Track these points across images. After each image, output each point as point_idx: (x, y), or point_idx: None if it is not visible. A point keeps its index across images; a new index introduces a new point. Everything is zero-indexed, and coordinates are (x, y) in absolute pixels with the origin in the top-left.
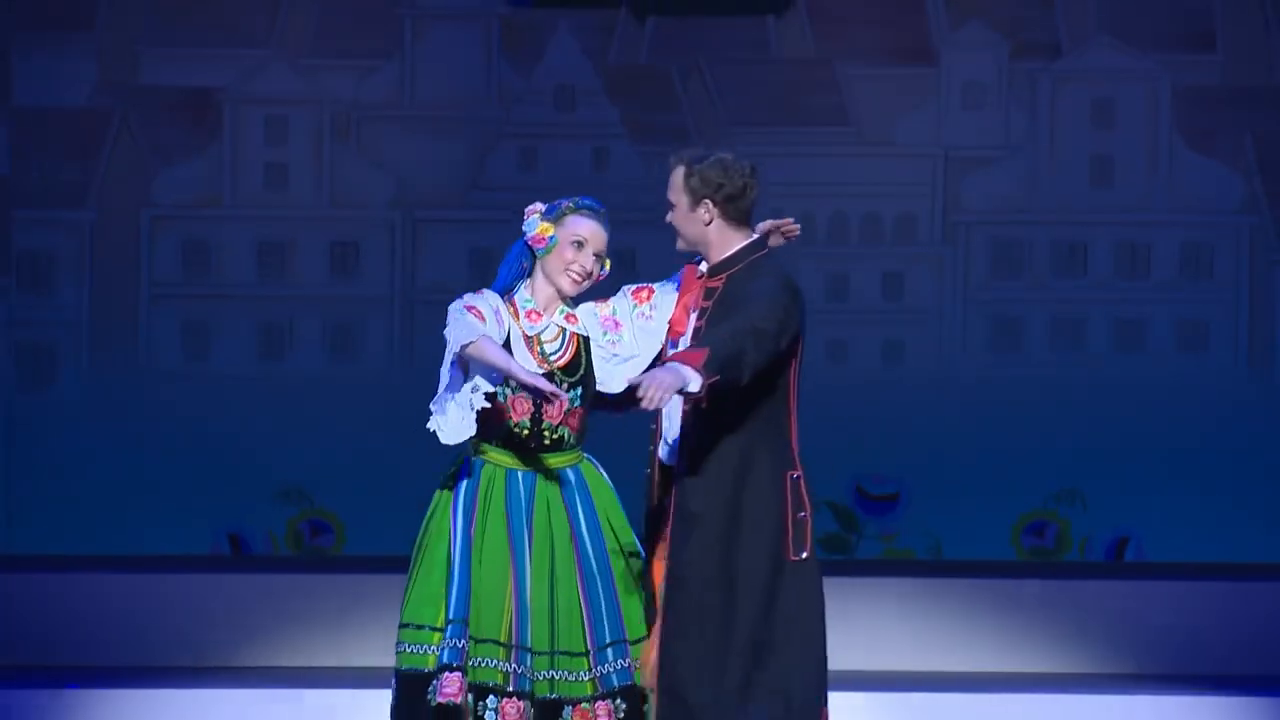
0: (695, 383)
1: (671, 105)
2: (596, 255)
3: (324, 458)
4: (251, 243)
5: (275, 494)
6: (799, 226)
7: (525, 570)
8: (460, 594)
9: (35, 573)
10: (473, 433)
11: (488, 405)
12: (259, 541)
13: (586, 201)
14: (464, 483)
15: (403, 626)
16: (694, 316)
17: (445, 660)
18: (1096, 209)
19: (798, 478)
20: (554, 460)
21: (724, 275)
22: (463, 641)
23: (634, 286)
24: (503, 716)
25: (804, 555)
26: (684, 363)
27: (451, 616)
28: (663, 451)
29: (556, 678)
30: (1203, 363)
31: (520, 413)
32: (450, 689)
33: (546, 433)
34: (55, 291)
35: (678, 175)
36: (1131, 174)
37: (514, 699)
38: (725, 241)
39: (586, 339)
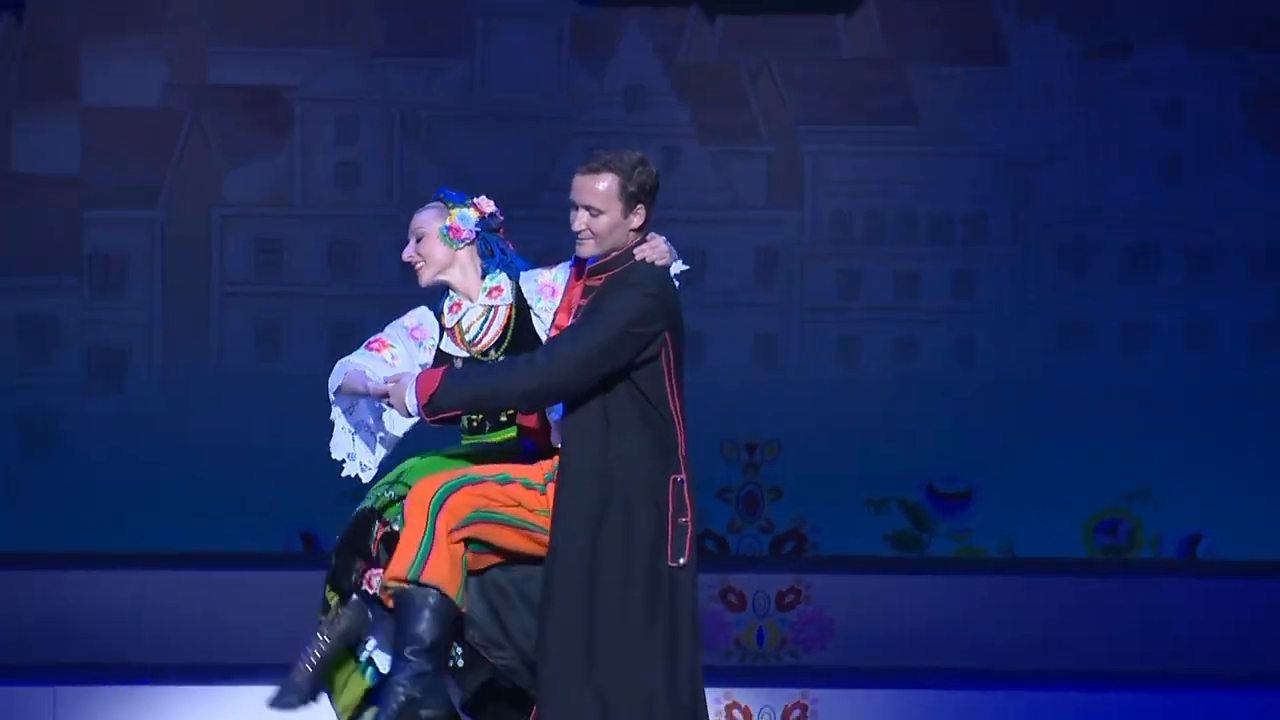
0: (414, 409)
1: (741, 104)
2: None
3: (393, 456)
4: (323, 242)
5: (346, 492)
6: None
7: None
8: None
9: (111, 569)
10: (371, 468)
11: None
12: (331, 539)
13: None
14: None
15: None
16: (574, 316)
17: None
18: (1167, 209)
19: (681, 481)
20: (499, 437)
21: (605, 275)
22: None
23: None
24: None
25: (682, 561)
26: (420, 385)
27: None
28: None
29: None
30: (1272, 363)
31: None
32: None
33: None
34: (127, 292)
35: (611, 184)
36: (1202, 174)
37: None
38: (630, 243)
39: (526, 306)
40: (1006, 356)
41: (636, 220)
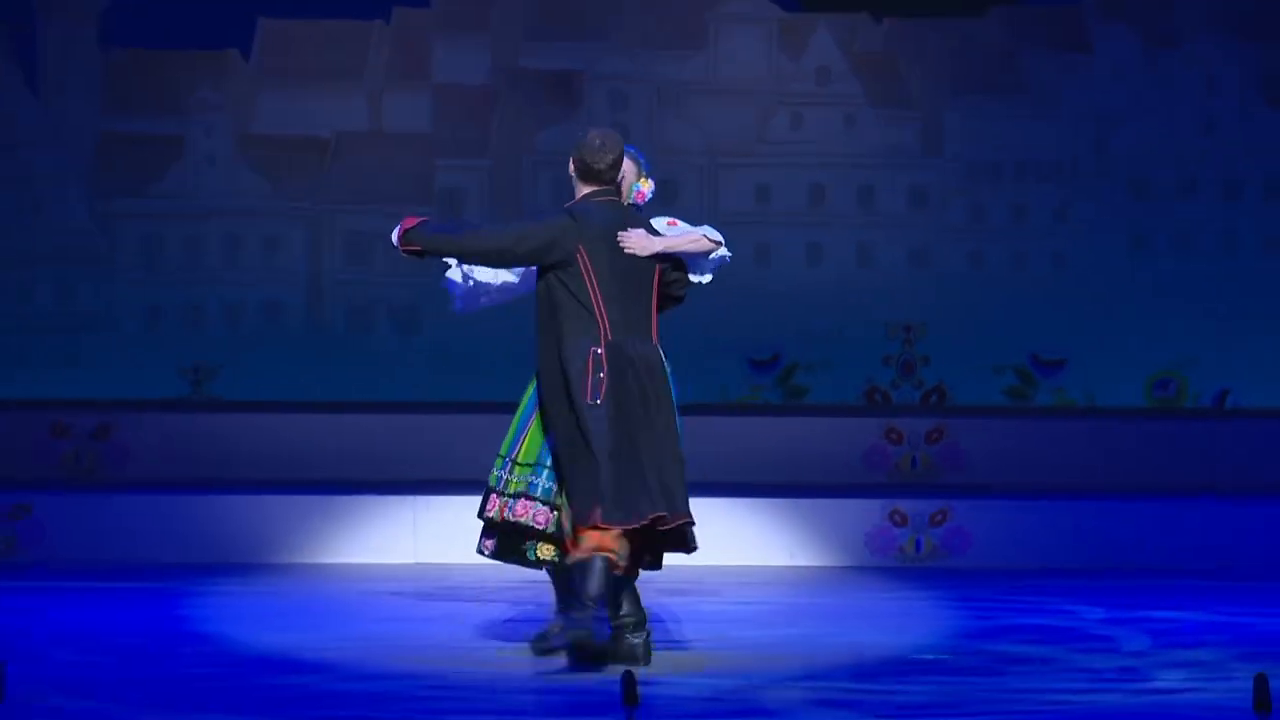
0: (395, 240)
1: (899, 81)
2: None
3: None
4: None
5: None
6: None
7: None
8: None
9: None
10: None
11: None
12: None
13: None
14: None
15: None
16: None
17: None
18: (1204, 154)
19: (600, 353)
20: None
21: None
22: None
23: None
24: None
25: (597, 401)
26: (403, 223)
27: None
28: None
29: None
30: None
31: None
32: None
33: None
34: (463, 218)
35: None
36: (1229, 130)
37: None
38: (577, 192)
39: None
40: (1091, 262)
41: (571, 166)
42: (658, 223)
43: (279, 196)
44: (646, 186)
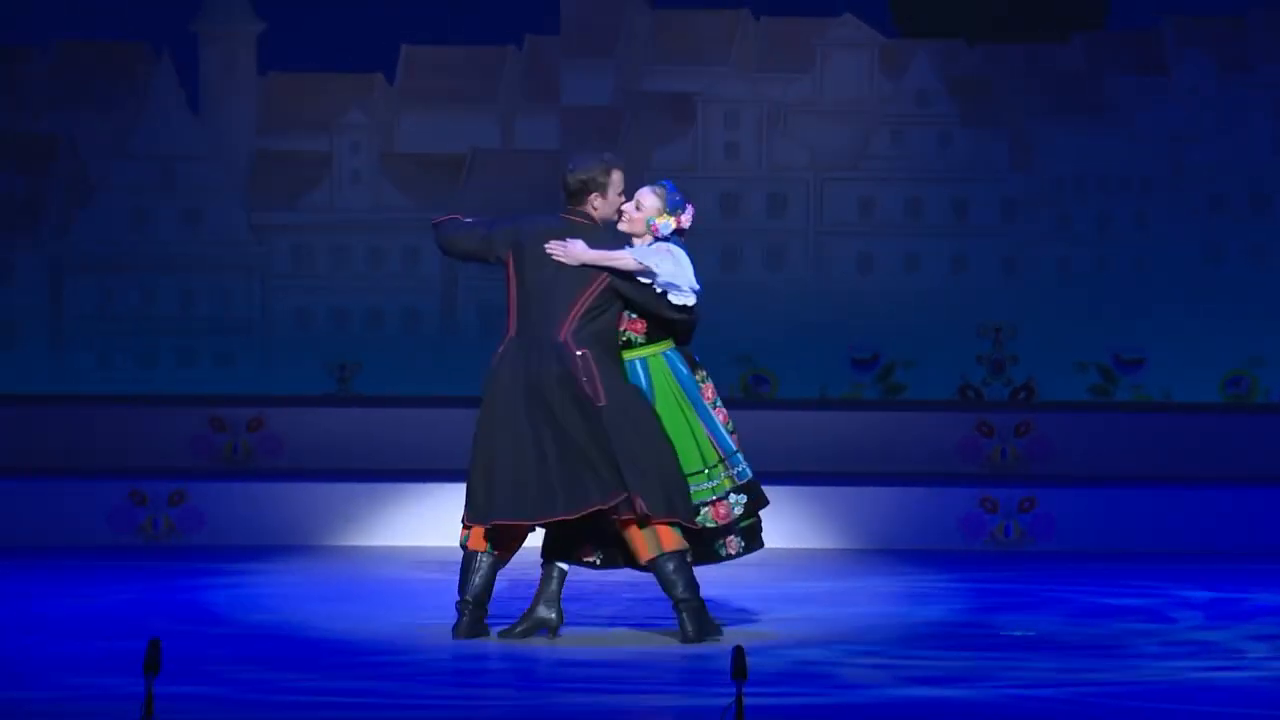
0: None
1: (990, 100)
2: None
3: (765, 331)
4: (716, 195)
5: (732, 357)
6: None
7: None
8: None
9: None
10: None
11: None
12: (722, 389)
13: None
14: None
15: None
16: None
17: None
18: (1272, 165)
19: (499, 353)
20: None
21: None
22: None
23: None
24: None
25: (484, 399)
26: (446, 215)
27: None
28: None
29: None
30: None
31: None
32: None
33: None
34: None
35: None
36: None
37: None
38: None
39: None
40: (1168, 269)
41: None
42: (641, 245)
43: (418, 210)
44: (661, 221)
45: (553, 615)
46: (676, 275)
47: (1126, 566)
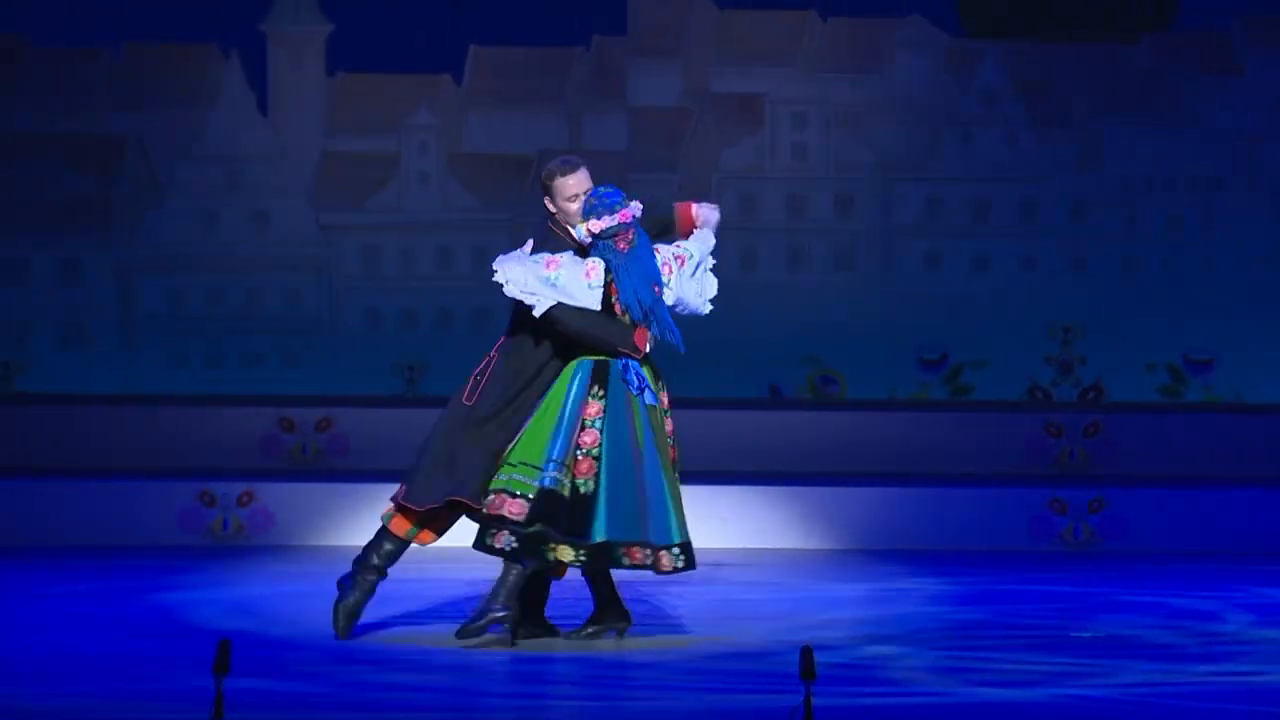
0: None
1: (1057, 100)
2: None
3: (833, 332)
4: (781, 195)
5: (800, 358)
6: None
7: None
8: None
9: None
10: None
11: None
12: (790, 390)
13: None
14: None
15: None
16: None
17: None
18: None
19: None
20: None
21: None
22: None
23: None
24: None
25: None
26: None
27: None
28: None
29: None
30: None
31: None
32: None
33: None
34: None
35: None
36: None
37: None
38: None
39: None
40: (1238, 269)
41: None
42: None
43: (486, 210)
44: (583, 227)
45: (620, 619)
46: (518, 282)
47: (1197, 568)
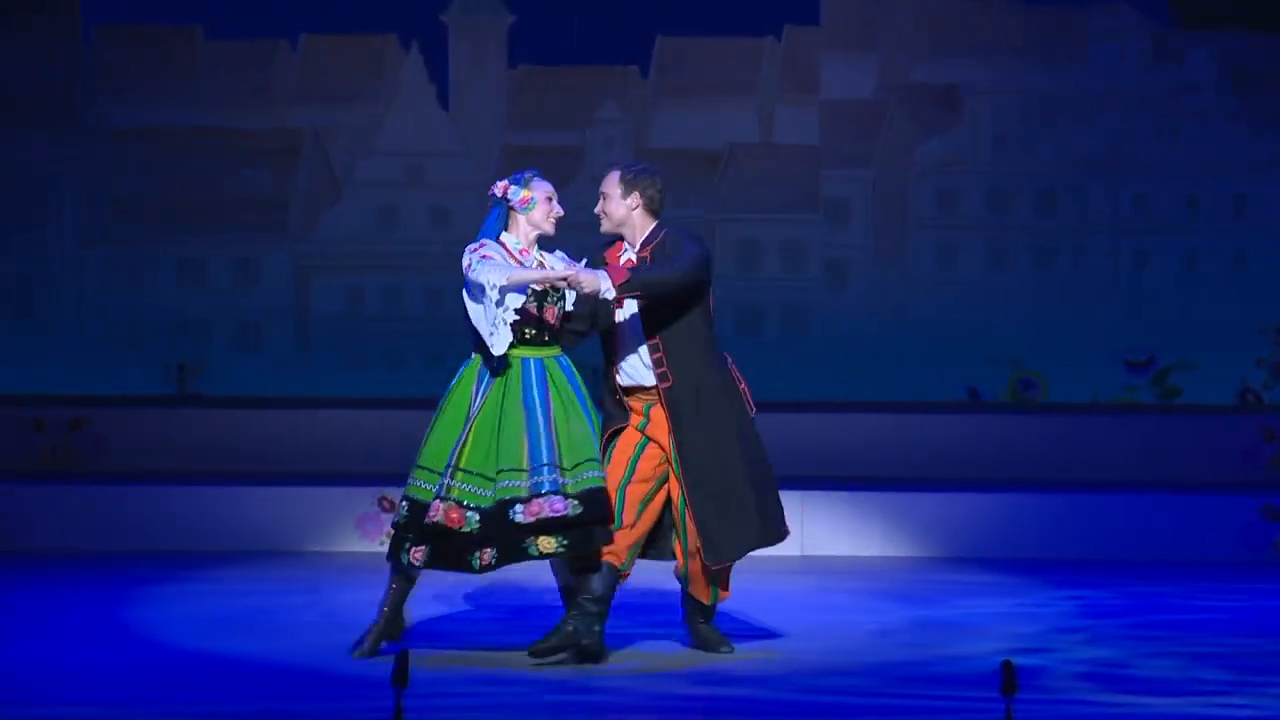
0: (609, 291)
1: (1274, 93)
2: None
3: (1035, 333)
4: (984, 191)
5: (1000, 360)
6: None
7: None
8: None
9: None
10: (511, 339)
11: (518, 317)
12: (989, 393)
13: (534, 171)
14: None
15: (419, 467)
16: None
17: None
18: None
19: (732, 361)
20: (547, 351)
21: (649, 246)
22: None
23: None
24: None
25: (754, 413)
26: (611, 274)
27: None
28: (623, 379)
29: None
30: None
31: (528, 318)
32: (435, 514)
33: (545, 331)
34: (849, 227)
35: (613, 176)
36: None
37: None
38: (631, 218)
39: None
40: None
41: (633, 201)
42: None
43: (674, 206)
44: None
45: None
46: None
47: None
